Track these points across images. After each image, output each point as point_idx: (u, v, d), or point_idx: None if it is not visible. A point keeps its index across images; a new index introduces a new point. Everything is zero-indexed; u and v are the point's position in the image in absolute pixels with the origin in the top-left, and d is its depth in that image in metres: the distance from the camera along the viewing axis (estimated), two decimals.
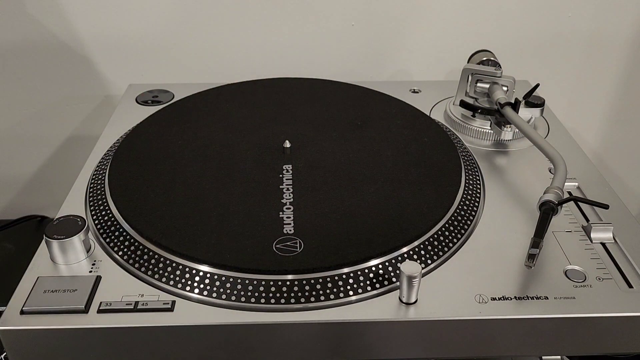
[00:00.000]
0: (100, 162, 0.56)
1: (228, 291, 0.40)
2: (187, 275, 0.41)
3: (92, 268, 0.43)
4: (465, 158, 0.56)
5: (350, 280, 0.41)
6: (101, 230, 0.46)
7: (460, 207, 0.48)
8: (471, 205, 0.49)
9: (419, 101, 0.68)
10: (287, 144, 0.55)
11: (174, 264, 0.42)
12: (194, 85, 0.71)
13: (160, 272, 0.42)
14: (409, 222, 0.45)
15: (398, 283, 0.41)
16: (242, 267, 0.41)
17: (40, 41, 0.79)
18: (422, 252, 0.44)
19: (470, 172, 0.53)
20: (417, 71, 0.86)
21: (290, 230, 0.44)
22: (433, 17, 0.81)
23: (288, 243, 0.43)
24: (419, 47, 0.84)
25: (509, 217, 0.49)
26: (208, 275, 0.41)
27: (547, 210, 0.44)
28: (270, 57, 0.83)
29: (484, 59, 0.66)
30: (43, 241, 0.43)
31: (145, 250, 0.43)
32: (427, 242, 0.44)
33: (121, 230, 0.45)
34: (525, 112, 0.60)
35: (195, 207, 0.47)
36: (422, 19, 0.81)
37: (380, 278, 0.41)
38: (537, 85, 0.62)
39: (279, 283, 0.40)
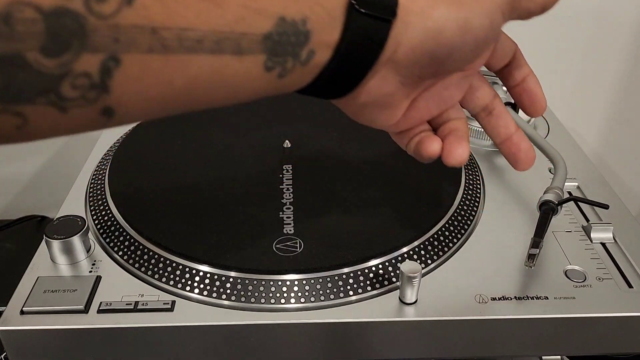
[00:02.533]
0: (100, 162, 0.56)
1: (228, 291, 0.40)
2: (187, 275, 0.41)
3: (92, 268, 0.43)
4: None
5: (350, 280, 0.41)
6: (101, 230, 0.46)
7: (460, 207, 0.48)
8: (471, 205, 0.49)
9: None
10: (287, 144, 0.55)
11: (174, 264, 0.42)
12: None
13: (160, 272, 0.42)
14: (409, 222, 0.45)
15: (398, 283, 0.41)
16: (242, 267, 0.41)
17: None
18: (422, 252, 0.44)
19: (470, 172, 0.53)
20: None
21: (290, 230, 0.44)
22: None
23: (288, 243, 0.43)
24: None
25: (509, 217, 0.49)
26: (208, 275, 0.41)
27: (547, 210, 0.44)
28: None
29: None
30: (43, 241, 0.43)
31: (145, 250, 0.43)
32: (427, 242, 0.44)
33: (121, 230, 0.45)
34: None
35: (195, 207, 0.47)
36: None
37: (380, 278, 0.41)
38: None
39: (279, 283, 0.40)
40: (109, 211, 0.47)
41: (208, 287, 0.40)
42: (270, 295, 0.40)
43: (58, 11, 0.17)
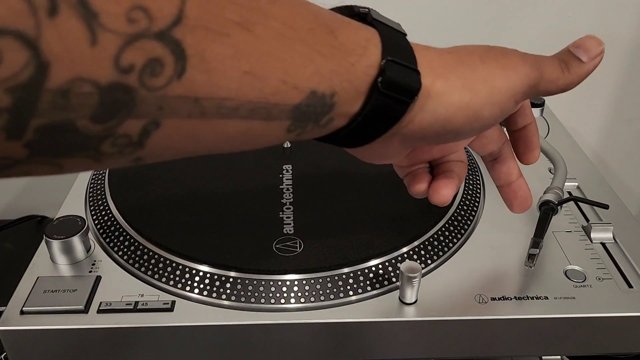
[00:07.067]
0: None
1: (228, 291, 0.40)
2: (187, 275, 0.41)
3: (92, 268, 0.43)
4: None
5: (350, 280, 0.41)
6: (101, 230, 0.46)
7: (460, 207, 0.48)
8: (471, 205, 0.49)
9: None
10: (287, 144, 0.55)
11: (174, 264, 0.42)
12: None
13: (160, 272, 0.42)
14: (409, 222, 0.45)
15: (398, 283, 0.41)
16: (242, 267, 0.41)
17: None
18: (422, 252, 0.44)
19: (470, 172, 0.53)
20: None
21: (290, 230, 0.44)
22: (433, 17, 0.81)
23: (288, 243, 0.43)
24: None
25: (509, 217, 0.49)
26: (208, 275, 0.41)
27: (547, 210, 0.44)
28: None
29: None
30: (43, 241, 0.43)
31: (145, 250, 0.43)
32: (427, 242, 0.44)
33: (121, 230, 0.45)
34: None
35: (195, 207, 0.47)
36: (422, 19, 0.81)
37: (380, 278, 0.41)
38: None
39: (279, 283, 0.40)
40: (109, 211, 0.47)
41: (208, 287, 0.40)
42: (270, 295, 0.40)
43: (113, 86, 0.18)
